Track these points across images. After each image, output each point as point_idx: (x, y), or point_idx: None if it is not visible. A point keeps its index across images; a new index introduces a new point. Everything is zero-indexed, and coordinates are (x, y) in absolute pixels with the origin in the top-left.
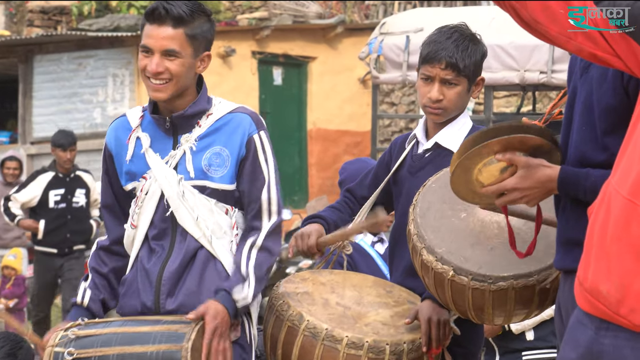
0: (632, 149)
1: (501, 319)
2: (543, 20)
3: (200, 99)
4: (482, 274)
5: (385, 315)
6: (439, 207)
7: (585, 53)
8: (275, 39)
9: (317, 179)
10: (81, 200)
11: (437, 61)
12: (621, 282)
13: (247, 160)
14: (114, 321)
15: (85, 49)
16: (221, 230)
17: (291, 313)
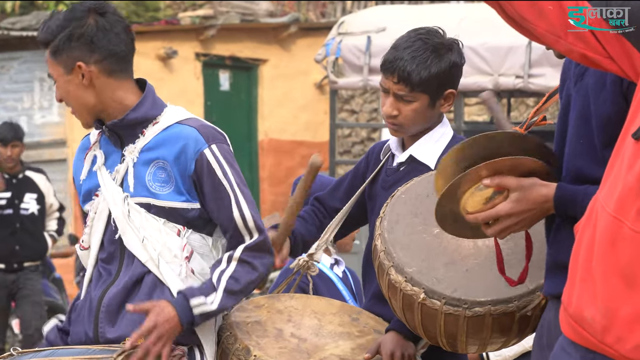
0: (620, 161)
1: (475, 347)
2: (530, 17)
3: (141, 104)
4: (457, 297)
5: (346, 348)
6: (409, 221)
7: (575, 54)
8: (221, 40)
9: (269, 194)
10: (32, 207)
11: (390, 73)
12: (607, 306)
13: (203, 179)
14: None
15: (8, 50)
16: (171, 253)
17: (237, 347)
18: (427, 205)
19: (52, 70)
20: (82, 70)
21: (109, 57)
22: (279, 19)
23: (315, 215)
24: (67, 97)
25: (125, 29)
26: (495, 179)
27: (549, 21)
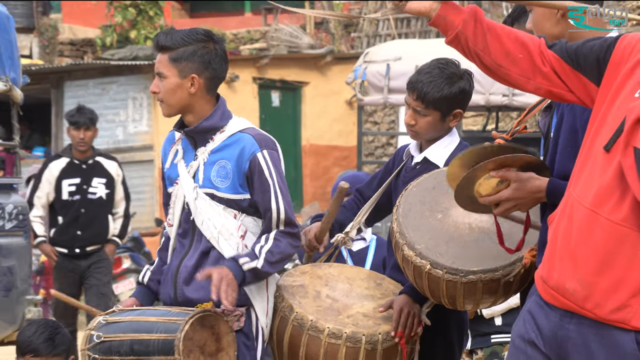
0: (592, 166)
1: (470, 305)
2: (505, 64)
3: (212, 116)
4: (455, 268)
5: (369, 307)
6: (419, 209)
7: (542, 91)
8: (273, 67)
9: (310, 187)
10: (99, 191)
11: (412, 91)
12: (587, 280)
13: (254, 176)
14: (136, 310)
15: (109, 75)
16: (228, 232)
17: (284, 305)
18: (432, 195)
19: (166, 71)
20: (194, 80)
21: (214, 77)
22: (318, 50)
23: (355, 203)
24: (168, 93)
25: (226, 58)
26: (499, 172)
27: (521, 67)
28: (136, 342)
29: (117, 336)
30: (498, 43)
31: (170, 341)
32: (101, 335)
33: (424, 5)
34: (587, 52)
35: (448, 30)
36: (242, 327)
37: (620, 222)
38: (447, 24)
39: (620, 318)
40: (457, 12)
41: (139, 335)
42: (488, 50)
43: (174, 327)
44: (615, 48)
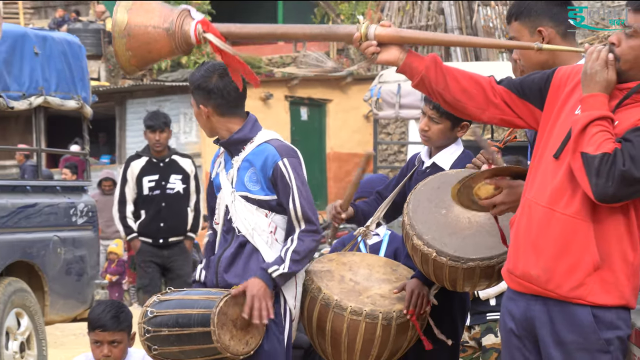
0: (544, 172)
1: (469, 287)
2: (463, 99)
3: (241, 130)
4: (457, 256)
5: (385, 289)
6: (426, 205)
7: (495, 120)
8: (302, 87)
9: (333, 188)
10: (177, 186)
11: (428, 102)
12: (548, 266)
13: (277, 180)
14: (184, 290)
15: (163, 94)
16: (261, 228)
17: (313, 287)
18: (438, 194)
19: (192, 102)
20: (202, 110)
21: (221, 103)
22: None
23: (376, 202)
24: (197, 120)
25: (236, 88)
26: (493, 180)
27: (476, 101)
28: (180, 316)
29: (166, 312)
30: (456, 82)
31: (207, 315)
32: (154, 311)
33: (392, 56)
34: (531, 83)
35: (414, 75)
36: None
37: (573, 215)
38: (412, 70)
39: (578, 295)
40: (420, 60)
41: (183, 310)
42: (448, 89)
43: (211, 303)
44: (553, 77)
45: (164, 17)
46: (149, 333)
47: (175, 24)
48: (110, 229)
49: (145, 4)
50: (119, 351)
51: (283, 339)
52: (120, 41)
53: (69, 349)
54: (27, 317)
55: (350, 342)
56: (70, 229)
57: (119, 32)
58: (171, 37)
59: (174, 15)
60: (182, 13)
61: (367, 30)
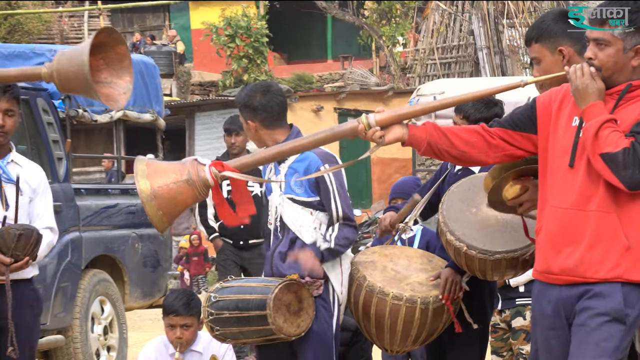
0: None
1: (497, 277)
2: (467, 149)
3: (286, 140)
4: (485, 249)
5: (423, 278)
6: (458, 205)
7: (499, 158)
8: (349, 100)
9: (377, 189)
10: (255, 189)
11: (459, 112)
12: (584, 257)
13: (319, 184)
14: (244, 279)
15: (228, 108)
16: (307, 225)
17: (359, 276)
18: (468, 195)
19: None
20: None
21: (266, 117)
22: (382, 87)
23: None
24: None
25: (278, 103)
26: (519, 180)
27: (478, 147)
28: (240, 301)
29: (228, 297)
30: (457, 137)
31: (264, 300)
32: (217, 296)
33: (397, 134)
34: (520, 116)
35: (421, 143)
36: (321, 293)
37: (599, 210)
38: (417, 139)
39: (615, 275)
40: (422, 129)
41: (242, 295)
42: (453, 145)
43: (267, 290)
44: (536, 105)
45: (179, 171)
46: (212, 315)
47: (192, 173)
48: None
49: (156, 167)
50: (190, 334)
51: (332, 322)
52: (150, 204)
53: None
54: (109, 304)
55: (392, 324)
56: (146, 227)
57: (146, 197)
58: (192, 186)
59: (187, 166)
60: (192, 163)
61: (368, 120)
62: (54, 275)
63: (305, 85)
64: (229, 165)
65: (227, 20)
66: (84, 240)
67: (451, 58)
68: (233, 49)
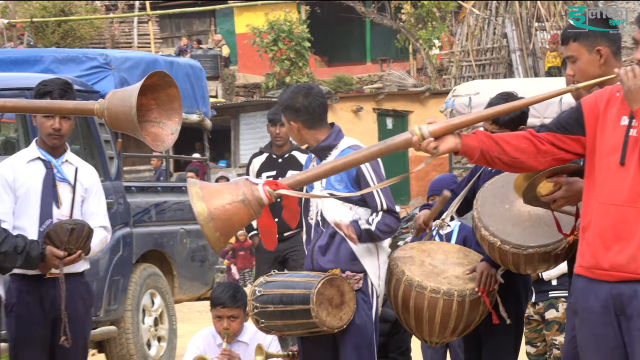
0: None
1: (530, 270)
2: (518, 155)
3: (327, 139)
4: (518, 244)
5: (459, 271)
6: (492, 201)
7: (547, 163)
8: (387, 100)
9: (415, 186)
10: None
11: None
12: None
13: (360, 179)
14: (286, 273)
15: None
16: (347, 220)
17: (398, 270)
18: (502, 191)
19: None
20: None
21: (308, 118)
22: (419, 88)
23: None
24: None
25: (319, 104)
26: (553, 178)
27: (528, 153)
28: (284, 295)
29: (272, 291)
30: (508, 144)
31: (307, 295)
32: (261, 290)
33: (451, 144)
34: (568, 119)
35: (474, 152)
36: (361, 287)
37: None
38: (470, 148)
39: None
40: (473, 138)
41: (286, 290)
42: (505, 152)
43: (310, 285)
44: (583, 107)
45: (233, 191)
46: (257, 309)
47: (247, 193)
48: None
49: (210, 189)
50: (237, 324)
51: (371, 314)
52: (207, 226)
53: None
54: (159, 296)
55: (431, 316)
56: (194, 223)
57: (204, 219)
58: (248, 206)
59: (241, 186)
60: (246, 183)
61: (421, 131)
62: (106, 270)
63: (345, 87)
64: (282, 183)
65: (270, 25)
66: (134, 235)
67: (485, 60)
68: (276, 52)
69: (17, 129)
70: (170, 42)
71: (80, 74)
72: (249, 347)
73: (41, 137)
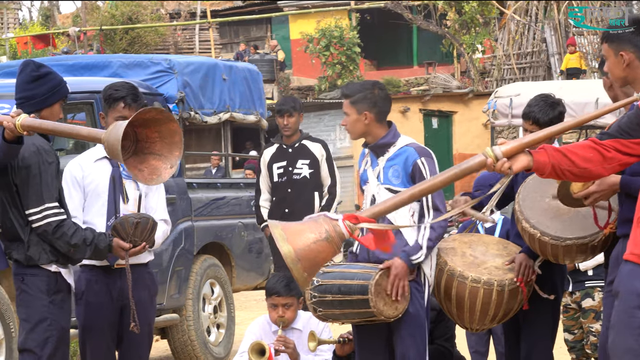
0: None
1: (568, 261)
2: (587, 166)
3: (386, 136)
4: (558, 236)
5: (499, 262)
6: (533, 195)
7: (614, 169)
8: (433, 101)
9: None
10: (304, 171)
11: (527, 119)
12: None
13: (416, 174)
14: (343, 265)
15: (323, 110)
16: (402, 213)
17: (441, 261)
18: (543, 186)
19: (348, 110)
20: (366, 115)
21: (380, 112)
22: (463, 90)
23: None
24: (350, 125)
25: (389, 101)
26: None
27: (595, 162)
28: (342, 286)
29: (330, 281)
30: (576, 156)
31: (365, 285)
32: (319, 280)
33: (524, 163)
34: (629, 124)
35: (545, 167)
36: (415, 277)
37: None
38: (541, 164)
39: None
40: (543, 154)
41: (344, 280)
42: (574, 164)
43: (368, 276)
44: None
45: (315, 230)
46: (315, 298)
47: (329, 230)
48: None
49: (292, 229)
50: (291, 312)
51: (424, 303)
52: (296, 268)
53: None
54: (218, 286)
55: (472, 305)
56: (251, 217)
57: (292, 261)
58: (331, 243)
59: (322, 224)
60: (326, 220)
61: (495, 152)
62: (169, 261)
63: (394, 89)
64: (362, 216)
65: (322, 32)
66: (195, 229)
67: (525, 63)
68: (328, 56)
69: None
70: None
71: (145, 77)
72: (303, 334)
73: None
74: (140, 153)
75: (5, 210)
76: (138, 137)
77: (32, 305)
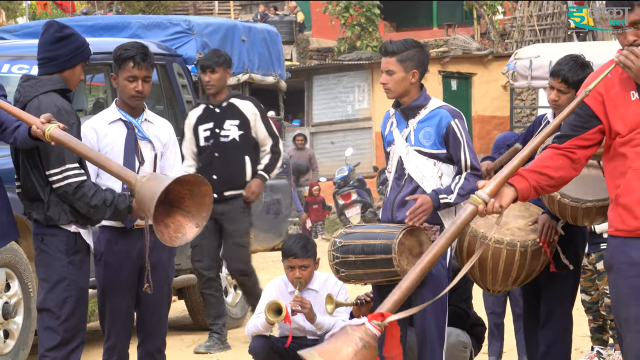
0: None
1: (587, 222)
2: (561, 174)
3: (419, 98)
4: (577, 198)
5: (521, 223)
6: None
7: (583, 164)
8: (452, 63)
9: (477, 144)
10: (232, 133)
11: (556, 77)
12: None
13: (449, 137)
14: (365, 225)
15: (342, 71)
16: (430, 175)
17: None
18: None
19: (394, 68)
20: (414, 74)
21: (423, 72)
22: (483, 52)
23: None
24: (394, 83)
25: (429, 59)
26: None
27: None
28: (365, 246)
29: (353, 242)
30: (549, 169)
31: (389, 245)
32: (342, 241)
33: (510, 197)
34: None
35: (529, 192)
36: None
37: None
38: (525, 190)
39: None
40: (521, 180)
41: (368, 240)
42: (549, 177)
43: (391, 235)
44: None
45: (351, 342)
46: (338, 259)
47: (363, 337)
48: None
49: (329, 351)
50: (308, 273)
51: (445, 264)
52: None
53: (269, 272)
54: None
55: (494, 266)
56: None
57: None
58: (370, 348)
59: (353, 333)
60: (354, 328)
61: (482, 197)
62: None
63: None
64: (385, 312)
65: None
66: None
67: (546, 25)
68: (347, 18)
69: (105, 90)
70: (248, 9)
71: (164, 38)
72: (319, 294)
73: (122, 99)
74: (167, 205)
75: (26, 170)
76: (168, 189)
77: (51, 265)
